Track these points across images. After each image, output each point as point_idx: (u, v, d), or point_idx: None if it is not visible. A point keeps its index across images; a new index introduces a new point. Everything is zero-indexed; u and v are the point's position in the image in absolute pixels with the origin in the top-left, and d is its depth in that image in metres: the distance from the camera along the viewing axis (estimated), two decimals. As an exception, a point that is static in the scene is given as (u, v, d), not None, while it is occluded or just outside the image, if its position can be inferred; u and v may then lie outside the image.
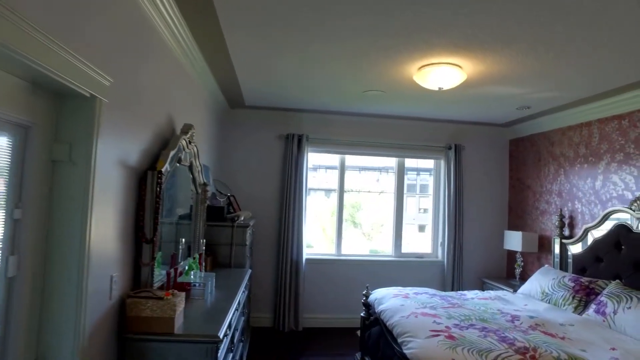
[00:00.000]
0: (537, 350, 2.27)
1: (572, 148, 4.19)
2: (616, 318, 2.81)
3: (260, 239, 4.75)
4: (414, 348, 2.41)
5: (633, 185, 3.48)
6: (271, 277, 4.79)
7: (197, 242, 3.11)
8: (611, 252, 3.46)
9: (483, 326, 2.67)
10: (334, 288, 4.88)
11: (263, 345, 4.17)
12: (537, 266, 4.55)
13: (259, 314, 4.73)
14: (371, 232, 5.27)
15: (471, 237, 5.12)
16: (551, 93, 3.58)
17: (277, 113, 4.86)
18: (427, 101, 4.07)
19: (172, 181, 2.57)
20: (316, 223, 5.21)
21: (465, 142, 5.11)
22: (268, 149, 4.89)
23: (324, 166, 5.30)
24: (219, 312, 2.13)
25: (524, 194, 4.92)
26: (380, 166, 5.35)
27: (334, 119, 4.93)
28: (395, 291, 3.60)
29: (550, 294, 3.45)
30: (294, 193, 4.70)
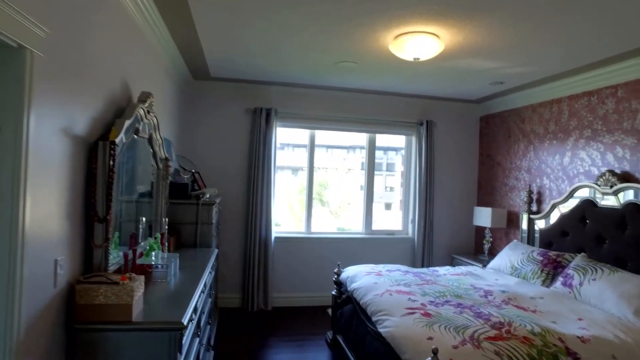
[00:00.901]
0: (512, 324, 2.26)
1: (542, 124, 4.21)
2: (582, 290, 2.87)
3: (227, 217, 4.56)
4: (389, 327, 2.35)
5: (599, 161, 3.54)
6: (239, 257, 4.64)
7: (159, 221, 2.90)
8: (577, 227, 3.53)
9: (458, 302, 2.65)
10: (303, 266, 4.80)
11: (232, 326, 4.05)
12: (505, 242, 4.63)
13: (227, 294, 4.59)
14: (339, 210, 5.20)
15: (441, 213, 5.13)
16: (525, 68, 3.54)
17: (245, 86, 4.61)
18: (401, 74, 3.95)
19: (130, 155, 2.33)
20: (284, 201, 5.08)
21: (436, 119, 5.06)
22: (235, 123, 4.65)
23: (291, 144, 5.14)
24: (183, 296, 1.97)
25: (494, 171, 4.96)
26: (348, 145, 5.25)
27: (304, 93, 4.74)
28: (367, 269, 3.54)
29: (520, 269, 3.49)
30: (262, 169, 4.52)
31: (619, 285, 2.68)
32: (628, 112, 3.32)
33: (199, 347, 2.35)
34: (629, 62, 3.21)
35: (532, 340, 2.10)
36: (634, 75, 3.26)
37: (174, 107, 3.90)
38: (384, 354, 2.41)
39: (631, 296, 2.56)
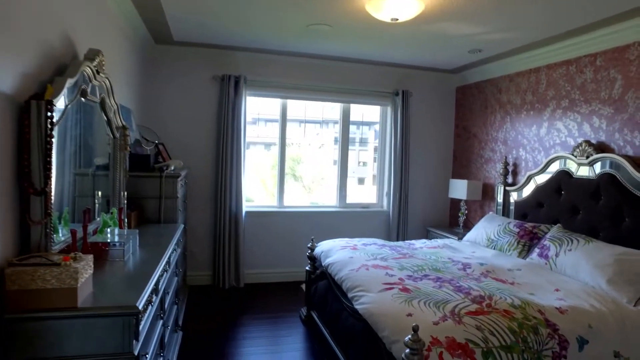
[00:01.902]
0: (492, 298, 2.20)
1: (519, 95, 4.13)
2: (557, 260, 2.85)
3: (195, 191, 4.33)
4: (366, 303, 2.24)
5: (576, 132, 3.50)
6: (209, 232, 4.44)
7: (117, 196, 2.65)
8: (552, 198, 3.51)
9: (437, 276, 2.57)
10: (276, 241, 4.65)
11: (202, 305, 3.89)
12: (480, 214, 4.62)
13: (196, 272, 4.41)
14: (312, 185, 5.06)
15: (416, 186, 5.06)
16: (506, 34, 3.40)
17: (211, 51, 4.30)
18: (378, 40, 3.74)
19: (78, 120, 2.07)
20: (257, 177, 4.88)
21: (412, 89, 4.91)
22: (201, 92, 4.36)
23: (263, 119, 4.90)
24: (142, 276, 1.78)
25: (469, 142, 4.89)
26: (321, 119, 5.06)
27: (275, 60, 4.47)
28: (342, 243, 3.42)
29: (496, 240, 3.46)
30: (232, 140, 4.28)
31: (594, 255, 2.67)
32: (606, 81, 3.26)
33: (162, 329, 2.18)
34: (609, 29, 3.13)
35: (513, 313, 2.04)
36: (614, 43, 3.18)
37: (134, 73, 3.58)
38: (361, 330, 2.32)
39: (605, 265, 2.55)
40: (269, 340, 3.25)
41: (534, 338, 1.94)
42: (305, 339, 3.29)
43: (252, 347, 3.11)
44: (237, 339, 3.24)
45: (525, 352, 1.88)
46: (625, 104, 3.11)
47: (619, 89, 3.16)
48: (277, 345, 3.17)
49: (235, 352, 3.04)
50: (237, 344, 3.16)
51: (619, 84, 3.16)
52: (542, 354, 1.92)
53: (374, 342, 2.12)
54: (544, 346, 1.95)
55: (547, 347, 1.95)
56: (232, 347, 3.10)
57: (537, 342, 1.94)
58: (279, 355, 3.02)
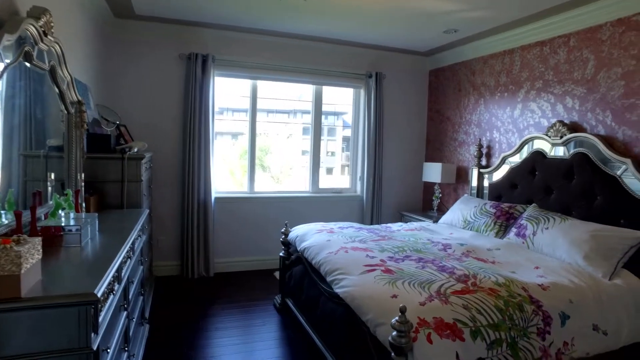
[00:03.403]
0: (476, 276, 2.14)
1: (493, 77, 4.12)
2: (535, 239, 2.85)
3: (160, 176, 4.08)
4: (347, 286, 2.14)
5: (549, 113, 3.51)
6: (176, 220, 4.21)
7: (73, 178, 2.41)
8: (526, 178, 3.52)
9: (419, 257, 2.50)
10: (247, 228, 4.48)
11: (170, 295, 3.69)
12: (454, 197, 4.61)
13: (164, 261, 4.18)
14: (280, 175, 4.91)
15: (390, 170, 5.01)
16: (482, 12, 3.34)
17: (177, 27, 4.02)
18: (352, 16, 3.60)
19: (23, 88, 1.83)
20: (225, 167, 4.66)
21: (386, 71, 4.81)
22: (167, 71, 4.09)
23: (231, 109, 4.68)
24: (102, 262, 1.59)
25: (443, 126, 4.87)
26: (289, 109, 4.89)
27: (245, 38, 4.25)
28: (318, 226, 3.31)
29: (472, 222, 3.44)
30: (200, 122, 4.05)
31: (570, 232, 2.68)
32: (579, 61, 3.27)
33: (127, 321, 1.99)
34: (582, 9, 3.13)
35: (498, 291, 1.99)
36: (587, 23, 3.19)
37: (90, 47, 3.28)
38: (341, 315, 2.22)
39: (581, 242, 2.56)
40: (242, 330, 3.10)
41: (520, 315, 1.90)
42: (281, 327, 3.17)
43: (224, 338, 2.96)
44: (209, 330, 3.08)
45: (512, 330, 1.84)
46: (597, 84, 3.13)
47: (591, 69, 3.18)
48: (251, 335, 3.03)
49: (207, 343, 2.87)
50: (209, 335, 3.00)
51: (592, 64, 3.17)
52: (527, 330, 1.89)
53: (356, 327, 2.02)
54: (529, 323, 1.91)
55: (532, 323, 1.92)
56: (203, 338, 2.94)
57: (523, 319, 1.90)
58: (253, 345, 2.88)
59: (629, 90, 2.91)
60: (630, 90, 2.90)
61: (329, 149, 5.20)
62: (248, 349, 2.82)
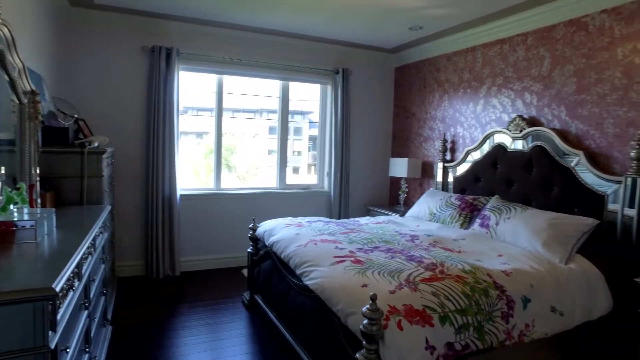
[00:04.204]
0: (444, 264, 2.19)
1: (456, 73, 4.23)
2: (498, 229, 2.95)
3: (123, 172, 3.93)
4: (317, 278, 2.13)
5: (510, 108, 3.64)
6: (140, 218, 4.07)
7: (27, 173, 2.28)
8: (488, 171, 3.65)
9: (387, 247, 2.53)
10: (214, 226, 4.40)
11: (134, 296, 3.56)
12: (419, 192, 4.71)
13: (127, 261, 4.03)
14: (246, 175, 4.85)
15: (357, 165, 5.05)
16: (446, 10, 3.43)
17: (139, 19, 3.89)
18: (319, 10, 3.60)
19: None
20: (189, 166, 4.54)
21: (352, 67, 4.85)
22: (129, 64, 3.94)
23: (195, 108, 4.57)
24: (60, 257, 1.51)
25: (408, 122, 4.96)
26: (255, 108, 4.84)
27: (210, 32, 4.16)
28: (286, 221, 3.29)
29: (439, 214, 3.53)
30: (164, 117, 3.93)
31: (530, 221, 2.79)
32: (536, 59, 3.41)
33: (88, 321, 1.91)
34: (538, 9, 3.27)
35: (465, 278, 2.05)
36: (543, 23, 3.33)
37: (45, 36, 3.11)
38: (312, 308, 2.21)
39: (540, 230, 2.67)
40: (210, 328, 3.03)
41: (485, 300, 1.96)
42: (250, 324, 3.13)
43: (192, 337, 2.89)
44: (175, 329, 2.99)
45: (478, 314, 1.89)
46: (552, 80, 3.28)
47: (547, 66, 3.33)
48: (219, 332, 2.97)
49: (174, 342, 2.79)
50: (176, 334, 2.92)
51: (548, 62, 3.32)
52: (492, 314, 1.95)
53: (327, 318, 2.02)
54: (494, 307, 1.98)
55: (497, 307, 1.99)
56: (169, 337, 2.85)
57: (488, 304, 1.96)
58: (222, 343, 2.83)
59: (580, 86, 3.07)
60: (581, 87, 3.06)
61: (295, 148, 5.19)
62: (217, 346, 2.76)
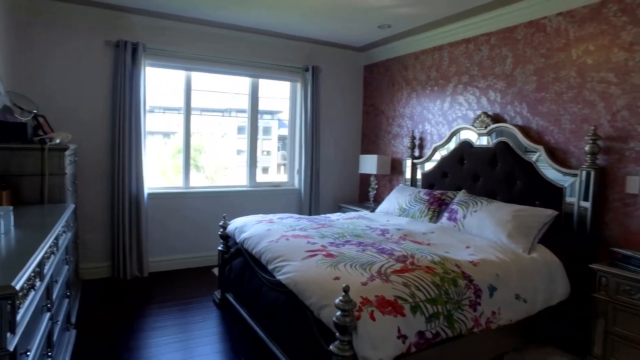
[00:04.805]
0: (414, 256, 2.24)
1: (424, 72, 4.33)
2: (465, 222, 3.04)
3: (87, 171, 3.79)
4: (289, 272, 2.13)
5: (475, 105, 3.76)
6: (105, 218, 3.94)
7: (-19, 170, 2.17)
8: (455, 167, 3.75)
9: (359, 241, 2.56)
10: (183, 225, 4.31)
11: (100, 299, 3.44)
12: (389, 188, 4.78)
13: (92, 263, 3.89)
14: (215, 175, 4.79)
15: (327, 163, 5.08)
16: (414, 8, 3.50)
17: (103, 12, 3.75)
18: (288, 7, 3.59)
19: None
20: (156, 166, 4.42)
21: (322, 65, 4.88)
22: (92, 59, 3.80)
23: (162, 107, 4.46)
24: (19, 256, 1.44)
25: (378, 119, 5.03)
26: (223, 108, 4.78)
27: (178, 27, 4.08)
28: (257, 218, 3.27)
29: (408, 209, 3.60)
30: (130, 114, 3.82)
31: (495, 214, 2.90)
32: (499, 58, 3.54)
33: (50, 324, 1.83)
34: (501, 10, 3.40)
35: (434, 269, 2.10)
36: (505, 24, 3.46)
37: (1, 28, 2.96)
38: (284, 303, 2.21)
39: (505, 222, 2.78)
40: (180, 328, 2.97)
41: (454, 290, 2.02)
42: (221, 322, 3.09)
43: (161, 337, 2.82)
44: (145, 330, 2.92)
45: (448, 303, 1.95)
46: (514, 78, 3.41)
47: (509, 65, 3.46)
48: (191, 332, 2.92)
49: (143, 344, 2.72)
50: (145, 335, 2.84)
51: (510, 61, 3.45)
52: (461, 303, 2.01)
53: (300, 312, 2.03)
54: (463, 296, 2.04)
55: (465, 296, 2.05)
56: (138, 339, 2.78)
57: (457, 293, 2.02)
58: (193, 342, 2.78)
59: (540, 85, 3.21)
60: (541, 85, 3.20)
61: (264, 148, 5.16)
62: (188, 346, 2.71)
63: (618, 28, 2.73)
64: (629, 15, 2.68)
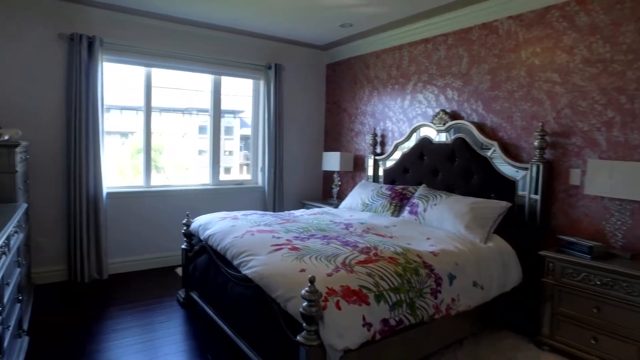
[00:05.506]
0: (377, 248, 2.31)
1: (385, 70, 4.44)
2: (425, 215, 3.16)
3: (40, 170, 3.62)
4: (255, 266, 2.14)
5: (434, 103, 3.90)
6: (61, 219, 3.77)
7: None
8: (416, 163, 3.88)
9: (323, 235, 2.60)
10: (145, 225, 4.20)
11: (56, 303, 3.30)
12: (352, 185, 4.87)
13: (46, 267, 3.71)
14: (175, 176, 4.70)
15: (291, 160, 5.10)
16: (375, 8, 3.58)
17: (55, 3, 3.59)
18: (249, 3, 3.58)
19: None
20: (114, 166, 4.27)
21: (285, 63, 4.89)
22: (45, 52, 3.62)
23: (119, 107, 4.31)
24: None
25: (340, 117, 5.11)
26: (183, 107, 4.69)
27: (137, 21, 3.96)
28: (221, 215, 3.25)
29: (370, 204, 3.68)
30: (87, 111, 3.67)
31: (453, 206, 3.03)
32: (456, 57, 3.69)
33: (1, 329, 1.75)
34: (457, 12, 3.54)
35: (397, 259, 2.18)
36: (461, 25, 3.62)
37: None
38: (250, 297, 2.22)
39: (462, 214, 2.91)
40: (143, 329, 2.90)
41: (416, 279, 2.10)
42: (186, 321, 3.04)
43: (123, 339, 2.74)
44: (105, 333, 2.82)
45: (410, 292, 2.03)
46: (470, 77, 3.57)
47: (465, 65, 3.61)
48: (154, 332, 2.86)
49: (103, 347, 2.63)
50: (105, 338, 2.75)
51: (466, 61, 3.61)
52: (423, 291, 2.10)
53: (266, 305, 2.04)
54: (424, 285, 2.13)
55: (426, 285, 2.14)
56: (98, 342, 2.69)
57: (419, 282, 2.11)
58: (157, 342, 2.72)
59: (494, 84, 3.38)
60: (494, 84, 3.37)
61: (226, 148, 5.11)
62: (152, 346, 2.66)
63: (560, 32, 2.93)
64: (569, 21, 2.88)
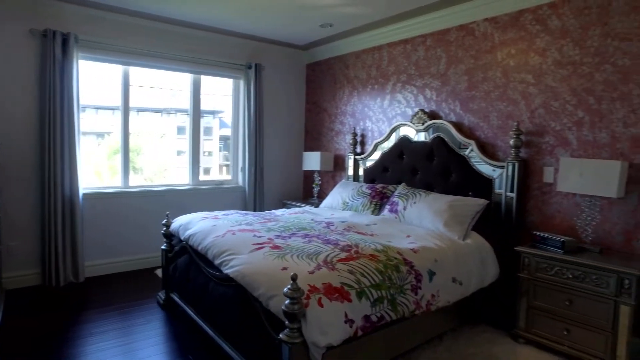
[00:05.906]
0: (358, 246, 2.34)
1: (365, 70, 4.48)
2: (405, 213, 3.20)
3: (10, 171, 3.50)
4: (237, 265, 2.14)
5: (413, 102, 3.96)
6: (34, 222, 3.66)
7: None
8: (395, 162, 3.93)
9: (305, 233, 2.61)
10: (123, 226, 4.12)
11: (28, 307, 3.20)
12: (332, 184, 4.89)
13: (18, 271, 3.59)
14: (154, 177, 4.63)
15: (271, 160, 5.10)
16: (355, 8, 3.61)
17: (25, -2, 3.49)
18: (229, 1, 3.56)
19: None
20: (90, 168, 4.16)
21: (265, 63, 4.88)
22: (15, 49, 3.51)
23: (95, 106, 4.21)
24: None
25: (320, 117, 5.13)
26: (161, 107, 4.62)
27: (114, 18, 3.88)
28: (202, 215, 3.22)
29: (351, 203, 3.71)
30: (62, 109, 3.57)
31: (433, 204, 3.08)
32: (434, 58, 3.76)
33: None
34: (435, 14, 3.61)
35: (378, 256, 2.21)
36: (439, 27, 3.69)
37: None
38: (232, 297, 2.21)
39: (441, 212, 2.97)
40: (122, 332, 2.85)
41: (397, 275, 2.13)
42: (167, 323, 3.00)
43: (101, 343, 2.69)
44: (82, 337, 2.76)
45: (391, 288, 2.06)
46: (448, 78, 3.64)
47: (443, 65, 3.68)
48: (133, 335, 2.81)
49: (80, 351, 2.57)
50: (82, 342, 2.69)
51: (444, 61, 3.68)
52: (403, 287, 2.13)
53: (248, 304, 2.04)
54: (405, 281, 2.16)
55: (407, 281, 2.17)
56: (75, 347, 2.62)
57: (399, 278, 2.14)
58: (137, 345, 2.68)
59: (471, 84, 3.46)
60: (472, 84, 3.45)
61: (205, 148, 5.06)
62: (131, 349, 2.61)
63: (533, 35, 3.02)
64: (541, 24, 2.98)
